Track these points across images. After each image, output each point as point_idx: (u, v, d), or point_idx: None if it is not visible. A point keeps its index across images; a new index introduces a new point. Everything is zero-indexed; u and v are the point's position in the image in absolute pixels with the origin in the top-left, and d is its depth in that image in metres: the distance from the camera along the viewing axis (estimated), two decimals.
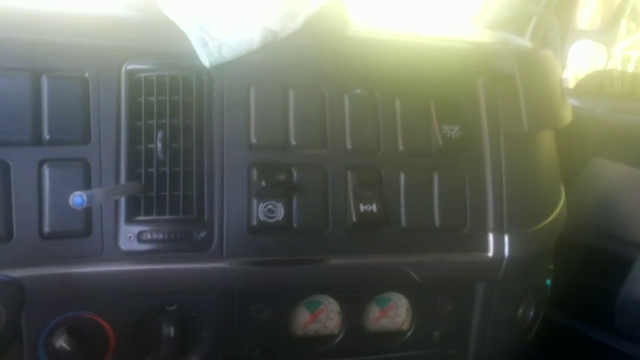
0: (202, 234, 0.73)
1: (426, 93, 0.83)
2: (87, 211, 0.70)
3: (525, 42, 1.33)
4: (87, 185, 0.70)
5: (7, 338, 0.58)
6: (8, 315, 0.55)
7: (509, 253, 0.84)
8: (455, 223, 0.83)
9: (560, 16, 1.63)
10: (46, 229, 0.69)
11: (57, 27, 0.72)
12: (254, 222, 0.75)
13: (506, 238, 0.84)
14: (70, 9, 0.75)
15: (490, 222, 0.84)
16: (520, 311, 0.93)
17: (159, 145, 0.71)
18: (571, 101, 1.05)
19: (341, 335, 0.84)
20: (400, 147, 0.81)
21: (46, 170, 0.69)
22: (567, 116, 0.96)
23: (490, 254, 0.84)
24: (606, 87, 1.59)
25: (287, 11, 0.78)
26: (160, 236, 0.71)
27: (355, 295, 0.83)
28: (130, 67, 0.72)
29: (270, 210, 0.75)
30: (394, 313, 0.87)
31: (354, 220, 0.78)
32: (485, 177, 0.84)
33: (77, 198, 0.57)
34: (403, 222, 0.80)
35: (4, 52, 0.69)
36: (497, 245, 0.84)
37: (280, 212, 0.75)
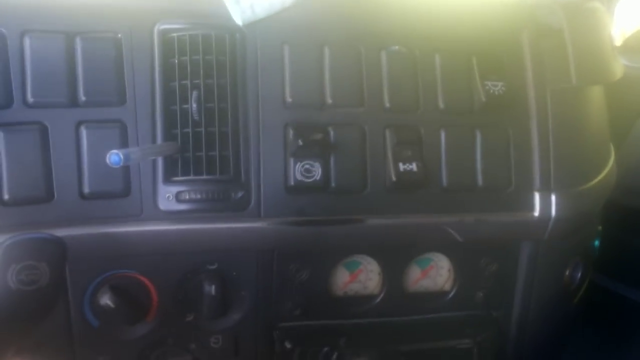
0: (240, 194, 0.73)
1: (467, 48, 0.80)
2: (126, 172, 0.70)
3: None
4: (124, 146, 0.70)
5: (51, 296, 0.59)
6: (51, 272, 0.57)
7: (555, 213, 0.81)
8: (499, 182, 0.80)
9: None
10: (86, 189, 0.70)
11: None
12: (291, 182, 0.74)
13: (553, 197, 0.81)
14: None
15: (537, 181, 0.81)
16: (567, 272, 0.90)
17: (194, 105, 0.70)
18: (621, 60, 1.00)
19: (381, 296, 0.83)
20: (441, 105, 0.78)
21: (83, 132, 0.69)
22: (618, 70, 0.91)
23: (537, 213, 0.81)
24: None
25: None
26: (199, 196, 0.71)
27: (395, 255, 0.82)
28: (162, 27, 0.71)
29: (307, 170, 0.74)
30: (435, 273, 0.85)
31: (394, 179, 0.76)
32: (531, 135, 0.81)
33: (114, 156, 0.57)
34: (444, 182, 0.78)
35: (37, 14, 0.69)
36: (543, 204, 0.81)
37: (317, 172, 0.74)
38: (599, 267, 1.03)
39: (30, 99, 0.68)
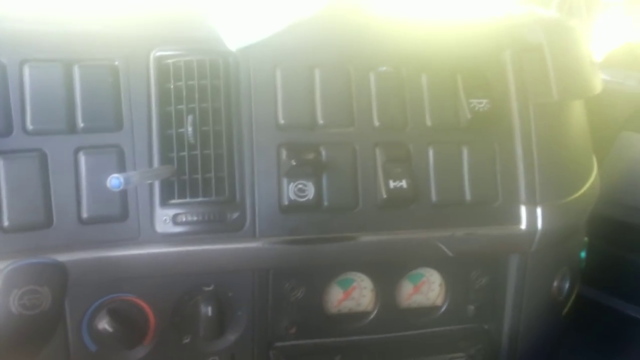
0: (235, 215, 0.74)
1: (452, 67, 0.82)
2: (123, 196, 0.71)
3: (551, 12, 1.31)
4: (122, 170, 0.71)
5: (53, 320, 0.60)
6: (53, 296, 0.57)
7: (542, 225, 0.83)
8: (486, 196, 0.82)
9: None
10: (84, 214, 0.70)
11: (85, 17, 0.73)
12: (285, 202, 0.75)
13: (539, 210, 0.83)
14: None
15: (522, 194, 0.83)
16: (555, 284, 0.92)
17: (190, 129, 0.72)
18: (600, 75, 1.03)
19: (375, 312, 0.84)
20: (428, 122, 0.81)
21: (82, 158, 0.70)
22: (598, 85, 0.94)
23: (523, 226, 0.83)
24: (636, 60, 1.55)
25: None
26: (195, 218, 0.73)
27: (387, 271, 0.84)
28: (158, 53, 0.73)
29: (300, 190, 0.76)
30: (427, 289, 0.87)
31: (384, 196, 0.78)
32: (516, 149, 0.83)
33: (115, 180, 0.59)
34: (433, 197, 0.80)
35: (35, 43, 0.70)
36: (529, 217, 0.83)
37: (310, 191, 0.76)
38: (586, 279, 1.05)
39: (29, 126, 0.69)
